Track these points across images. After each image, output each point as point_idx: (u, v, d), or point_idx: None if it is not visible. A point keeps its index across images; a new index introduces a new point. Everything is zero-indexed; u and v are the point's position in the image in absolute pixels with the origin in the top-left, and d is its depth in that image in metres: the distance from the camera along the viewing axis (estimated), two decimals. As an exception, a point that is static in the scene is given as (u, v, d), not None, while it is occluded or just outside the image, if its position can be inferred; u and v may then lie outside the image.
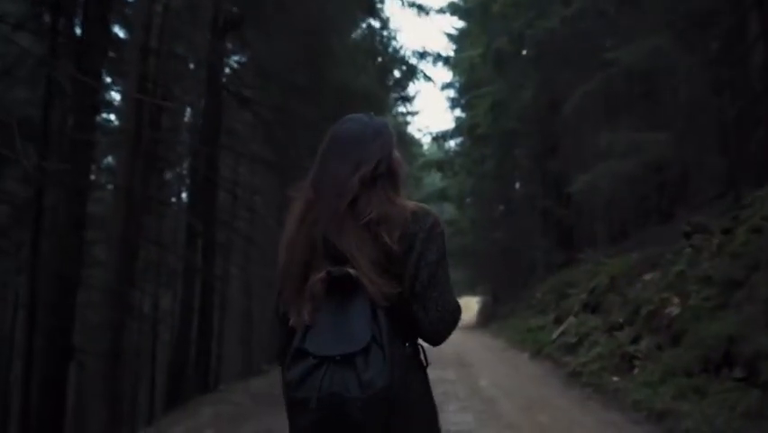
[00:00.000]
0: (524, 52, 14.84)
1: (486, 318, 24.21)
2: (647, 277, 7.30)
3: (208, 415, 5.29)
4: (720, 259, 5.85)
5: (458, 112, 27.98)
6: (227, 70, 14.15)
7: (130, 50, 8.07)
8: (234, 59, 14.86)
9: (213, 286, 12.26)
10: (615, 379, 5.94)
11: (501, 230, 23.85)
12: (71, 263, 8.92)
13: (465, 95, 23.21)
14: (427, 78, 14.74)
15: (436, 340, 1.28)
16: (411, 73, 12.84)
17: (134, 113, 7.30)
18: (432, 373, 1.32)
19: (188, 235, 10.76)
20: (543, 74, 15.46)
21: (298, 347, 1.12)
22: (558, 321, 10.22)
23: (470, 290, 37.76)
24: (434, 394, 1.34)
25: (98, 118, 13.66)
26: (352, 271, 1.14)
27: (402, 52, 13.83)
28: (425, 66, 14.84)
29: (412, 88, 17.27)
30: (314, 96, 11.22)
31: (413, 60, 14.26)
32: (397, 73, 12.81)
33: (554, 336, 9.19)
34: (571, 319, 9.21)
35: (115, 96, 15.35)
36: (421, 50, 16.09)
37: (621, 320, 7.32)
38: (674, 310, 5.85)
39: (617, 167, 9.92)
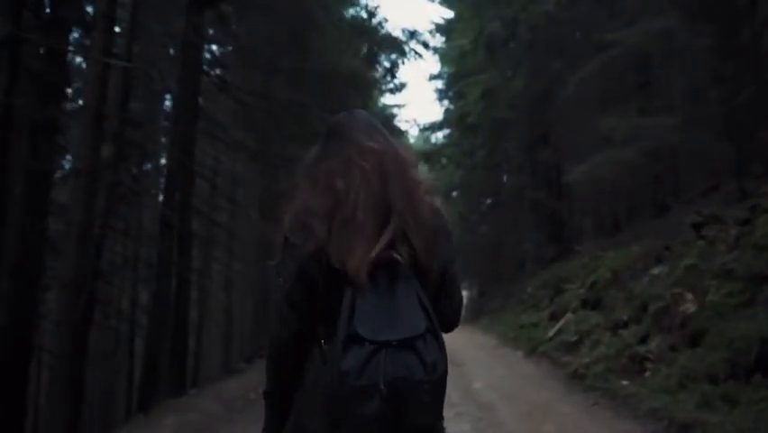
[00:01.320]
0: (517, 38, 14.26)
1: (473, 313, 23.78)
2: (655, 271, 6.79)
3: (170, 427, 4.67)
4: (741, 252, 5.33)
5: (446, 104, 27.45)
6: (207, 56, 13.46)
7: (95, 19, 7.34)
8: (214, 46, 14.17)
9: (189, 280, 11.58)
10: (624, 383, 5.41)
11: (489, 223, 23.42)
12: (31, 255, 8.22)
13: (454, 85, 22.66)
14: (418, 56, 13.91)
15: (453, 328, 1.33)
16: (401, 52, 12.16)
17: (97, 84, 6.58)
18: None
19: (162, 226, 10.04)
20: (535, 61, 14.95)
21: (352, 333, 1.08)
22: (554, 318, 9.71)
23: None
24: None
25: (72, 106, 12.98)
26: (399, 256, 1.16)
27: (391, 31, 13.04)
28: (415, 46, 14.05)
29: (401, 70, 16.49)
30: (298, 78, 10.56)
31: (402, 38, 13.44)
32: (385, 53, 12.11)
33: (551, 333, 8.68)
34: (569, 316, 8.70)
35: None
36: (411, 30, 15.22)
37: (626, 318, 6.81)
38: (690, 308, 5.33)
39: (617, 155, 9.43)
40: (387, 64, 14.30)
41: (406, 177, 1.26)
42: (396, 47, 11.76)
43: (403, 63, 12.95)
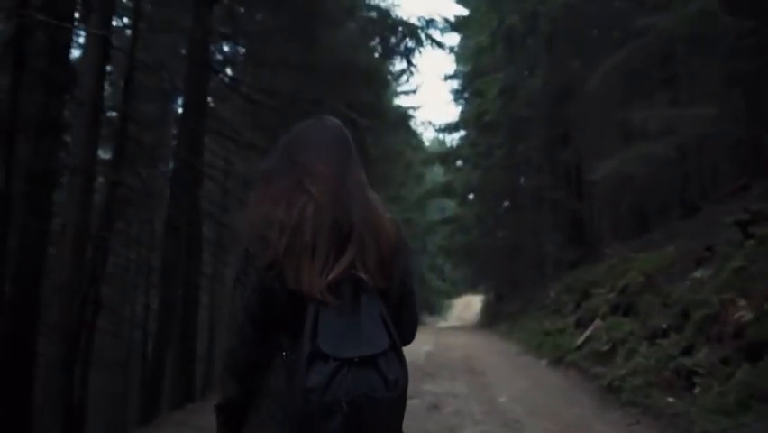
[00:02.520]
0: (536, 32, 13.68)
1: (490, 318, 23.17)
2: (697, 274, 6.19)
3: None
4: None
5: (462, 104, 26.93)
6: (217, 55, 13.07)
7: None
8: (224, 45, 13.78)
9: (197, 285, 11.16)
10: (670, 399, 4.83)
11: (507, 225, 22.77)
12: (32, 258, 7.85)
13: (470, 85, 22.11)
14: (435, 44, 13.13)
15: (408, 344, 1.32)
16: (417, 40, 11.61)
17: (93, 74, 6.17)
18: (439, 384, 1.30)
19: (168, 228, 9.64)
20: (555, 56, 14.36)
21: (316, 350, 1.09)
22: (581, 324, 9.12)
23: (472, 289, 36.81)
24: (443, 414, 2.37)
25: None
26: (363, 275, 1.19)
27: (406, 19, 12.28)
28: (433, 33, 13.22)
29: (416, 68, 15.63)
30: (309, 74, 10.10)
31: (418, 25, 12.62)
32: (400, 41, 11.51)
33: (579, 341, 8.10)
34: (599, 322, 8.11)
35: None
36: (428, 18, 14.33)
37: (665, 325, 6.22)
38: (744, 315, 4.75)
39: (646, 150, 8.83)
40: (402, 52, 13.27)
41: (364, 197, 1.27)
42: (412, 33, 11.19)
43: (420, 52, 12.26)
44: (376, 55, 11.85)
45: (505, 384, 7.46)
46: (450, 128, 25.48)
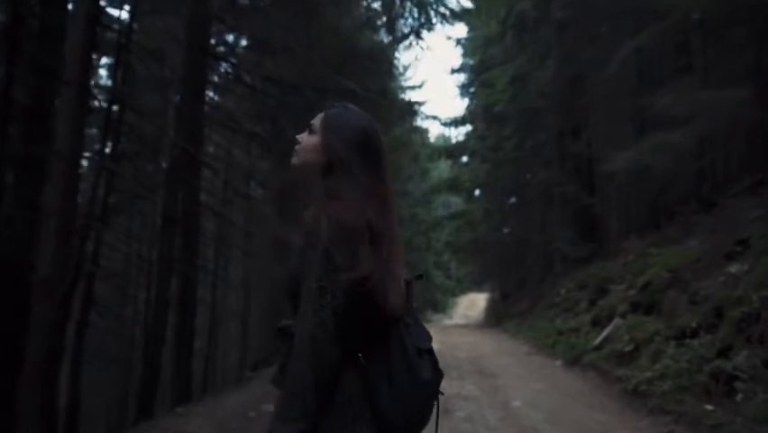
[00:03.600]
0: (548, 18, 13.15)
1: (496, 317, 22.69)
2: (732, 270, 5.70)
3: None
4: None
5: (468, 99, 26.41)
6: (216, 42, 12.60)
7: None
8: (228, 34, 13.30)
9: (195, 280, 10.73)
10: (708, 407, 4.36)
11: (515, 221, 22.25)
12: (21, 251, 7.43)
13: (477, 78, 21.58)
14: (445, 20, 12.29)
15: None
16: (426, 17, 11.00)
17: (79, 53, 5.72)
18: (448, 386, 1.64)
19: (164, 220, 9.20)
20: (567, 45, 13.83)
21: (418, 347, 1.28)
22: (597, 323, 8.64)
23: (476, 287, 36.27)
24: (455, 420, 2.21)
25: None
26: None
27: None
28: (443, 11, 12.43)
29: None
30: (311, 59, 9.62)
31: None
32: (408, 21, 10.96)
33: (597, 341, 7.62)
34: (618, 321, 7.63)
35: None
36: None
37: (694, 324, 5.74)
38: (791, 314, 4.25)
39: (667, 139, 8.32)
40: (411, 30, 12.38)
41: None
42: (421, 6, 10.62)
43: (428, 30, 11.57)
44: (383, 39, 11.30)
45: (518, 386, 6.99)
46: (456, 122, 24.94)
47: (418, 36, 10.71)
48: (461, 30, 27.12)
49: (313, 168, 1.35)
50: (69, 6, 9.09)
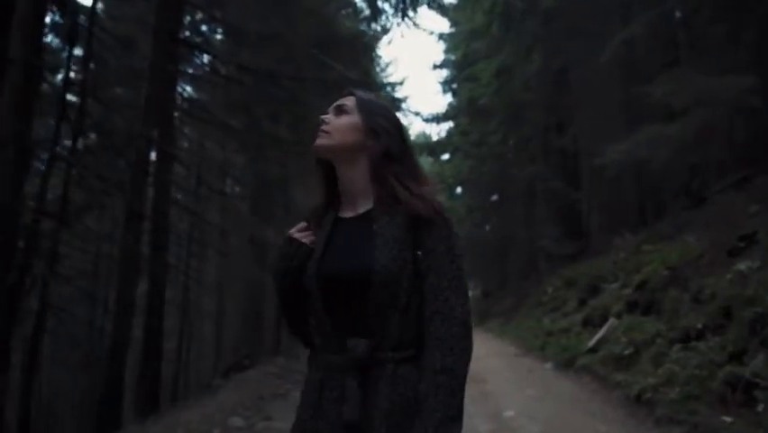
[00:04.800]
0: (535, 8, 12.75)
1: (480, 316, 22.33)
2: (741, 267, 5.30)
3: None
4: None
5: (449, 97, 26.00)
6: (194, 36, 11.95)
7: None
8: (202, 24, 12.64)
9: (164, 280, 10.10)
10: (727, 419, 3.92)
11: (498, 218, 21.91)
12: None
13: (461, 73, 21.17)
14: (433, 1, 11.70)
15: None
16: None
17: (25, 27, 5.09)
18: None
19: (128, 216, 8.55)
20: (554, 35, 13.47)
21: None
22: (589, 323, 8.24)
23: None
24: None
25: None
26: None
27: None
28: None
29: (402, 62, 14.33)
30: (287, 45, 9.06)
31: None
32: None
33: (592, 343, 7.19)
34: (613, 322, 7.22)
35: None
36: None
37: (699, 326, 5.32)
38: (816, 315, 3.84)
39: (662, 132, 7.96)
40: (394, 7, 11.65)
41: None
42: None
43: (415, 11, 11.01)
44: (366, 27, 10.70)
45: (510, 393, 6.53)
46: (438, 119, 24.48)
47: (404, 15, 10.17)
48: (443, 24, 26.67)
49: (351, 149, 1.30)
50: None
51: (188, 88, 13.65)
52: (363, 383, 1.15)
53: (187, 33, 11.58)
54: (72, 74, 10.22)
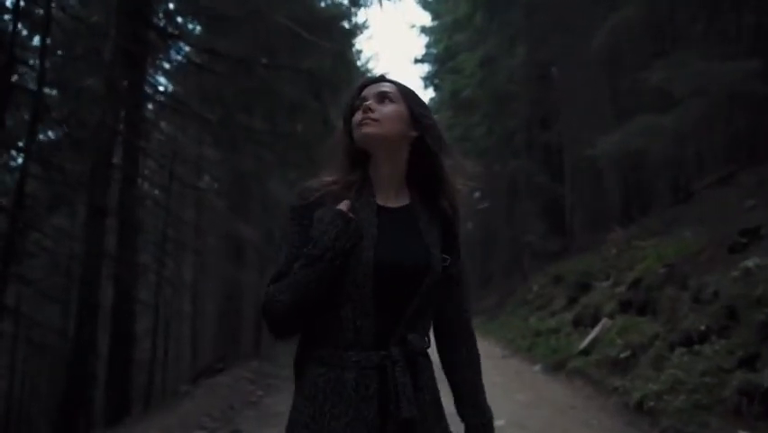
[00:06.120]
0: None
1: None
2: (750, 264, 4.94)
3: None
4: None
5: (431, 91, 25.61)
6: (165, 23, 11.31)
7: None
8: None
9: (133, 281, 9.53)
10: (743, 433, 3.55)
11: (481, 214, 21.60)
12: None
13: (444, 66, 20.78)
14: None
15: None
16: None
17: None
18: None
19: (90, 211, 7.96)
20: (538, 29, 13.13)
21: None
22: (580, 323, 7.88)
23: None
24: None
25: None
26: None
27: None
28: None
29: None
30: (262, 30, 8.54)
31: None
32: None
33: (584, 344, 6.82)
34: (606, 322, 6.86)
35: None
36: None
37: (703, 327, 4.96)
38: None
39: (655, 122, 7.61)
40: None
41: None
42: None
43: None
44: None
45: (498, 398, 6.07)
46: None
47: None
48: (425, 18, 26.25)
49: (397, 138, 1.24)
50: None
51: (162, 80, 13.03)
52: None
53: (162, 24, 11.00)
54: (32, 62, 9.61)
